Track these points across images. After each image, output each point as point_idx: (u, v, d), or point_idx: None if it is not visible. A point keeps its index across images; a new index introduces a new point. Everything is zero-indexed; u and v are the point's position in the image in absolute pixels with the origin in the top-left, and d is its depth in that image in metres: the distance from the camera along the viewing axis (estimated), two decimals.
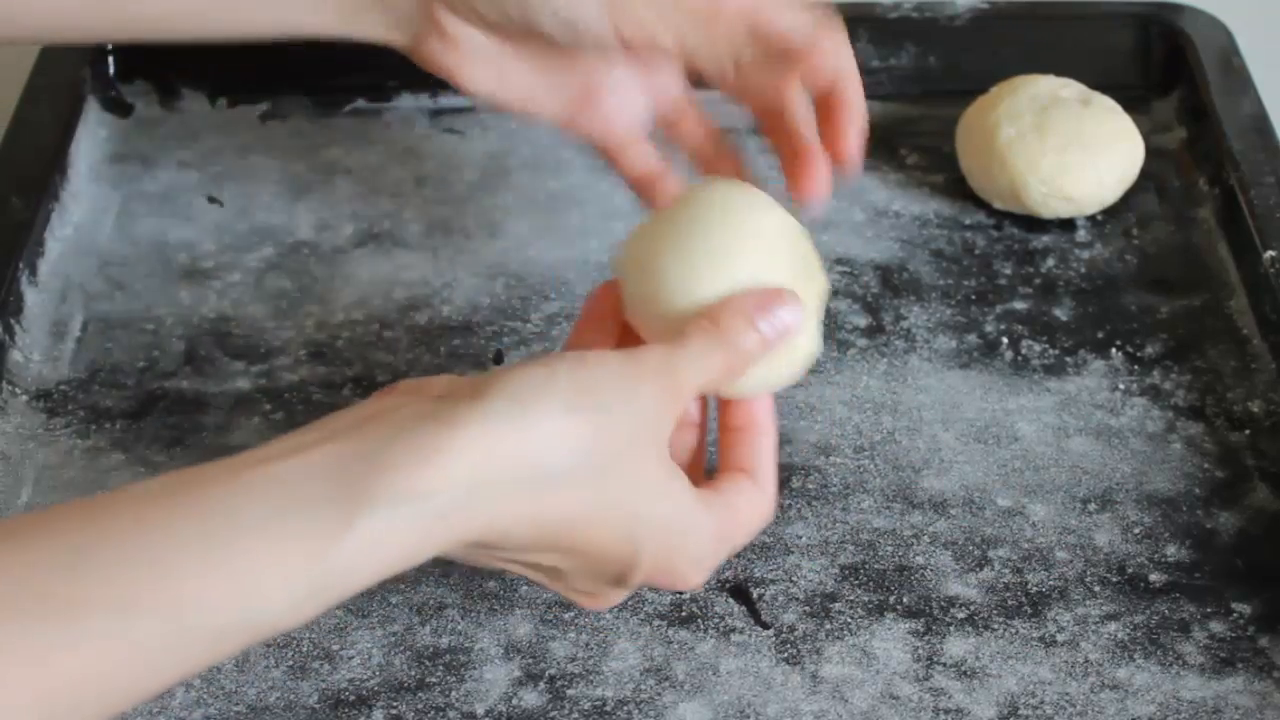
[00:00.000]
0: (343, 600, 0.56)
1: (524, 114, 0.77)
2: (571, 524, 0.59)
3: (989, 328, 0.89)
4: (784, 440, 0.82)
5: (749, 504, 0.66)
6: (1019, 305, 0.90)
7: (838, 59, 0.72)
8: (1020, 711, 0.71)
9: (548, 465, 0.58)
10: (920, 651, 0.73)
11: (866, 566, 0.77)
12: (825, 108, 0.73)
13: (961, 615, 0.75)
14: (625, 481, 0.60)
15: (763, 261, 0.67)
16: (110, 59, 1.03)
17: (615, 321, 0.69)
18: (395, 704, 0.71)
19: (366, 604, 0.75)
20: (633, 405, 0.60)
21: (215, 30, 0.77)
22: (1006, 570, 0.77)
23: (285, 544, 0.54)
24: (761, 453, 0.67)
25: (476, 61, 0.75)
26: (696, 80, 0.76)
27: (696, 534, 0.63)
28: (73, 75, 1.01)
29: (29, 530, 0.54)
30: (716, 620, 0.75)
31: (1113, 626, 0.74)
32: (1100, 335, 0.88)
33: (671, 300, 0.66)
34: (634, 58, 0.74)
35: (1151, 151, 0.97)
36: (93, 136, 1.00)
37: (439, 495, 0.56)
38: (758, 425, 0.67)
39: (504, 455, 0.57)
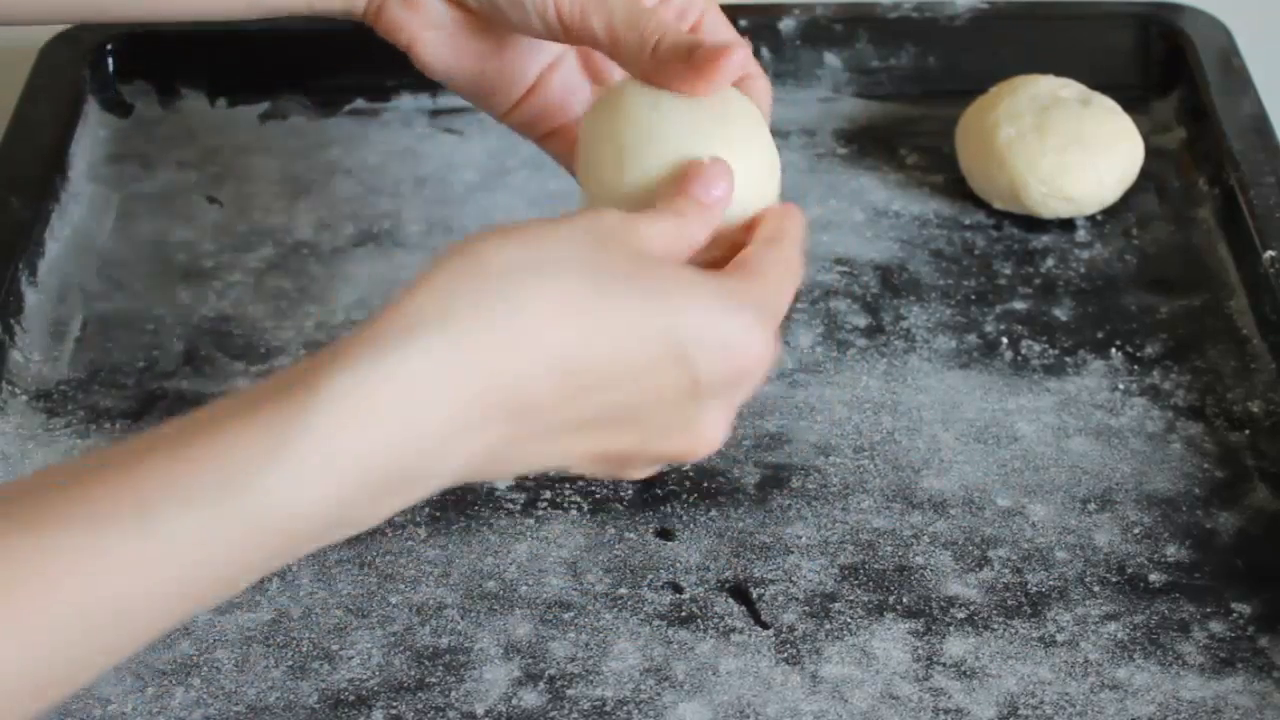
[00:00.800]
0: (358, 487, 0.52)
1: (461, 92, 0.77)
2: (599, 358, 0.56)
3: (989, 328, 0.89)
4: (784, 440, 0.82)
5: (778, 266, 0.62)
6: (1019, 305, 0.90)
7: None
8: (1020, 711, 0.71)
9: (543, 298, 0.55)
10: (920, 651, 0.73)
11: (866, 566, 0.77)
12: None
13: (961, 615, 0.75)
14: (643, 289, 0.57)
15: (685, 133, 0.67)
16: (110, 59, 1.03)
17: None
18: (395, 704, 0.71)
19: (366, 604, 0.75)
20: (618, 240, 0.58)
21: (187, 10, 0.77)
22: (1006, 570, 0.77)
23: (252, 428, 0.51)
24: (785, 223, 0.65)
25: (435, 31, 0.75)
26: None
27: (742, 315, 0.59)
28: (73, 75, 1.01)
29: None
30: (716, 620, 0.75)
31: (1112, 626, 0.74)
32: (1100, 335, 0.88)
33: (617, 185, 0.66)
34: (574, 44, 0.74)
35: (1151, 151, 0.97)
36: (92, 136, 1.00)
37: (424, 348, 0.53)
38: (781, 211, 0.66)
39: (490, 305, 0.54)
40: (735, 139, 0.67)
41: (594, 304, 0.56)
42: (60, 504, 0.50)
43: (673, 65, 0.67)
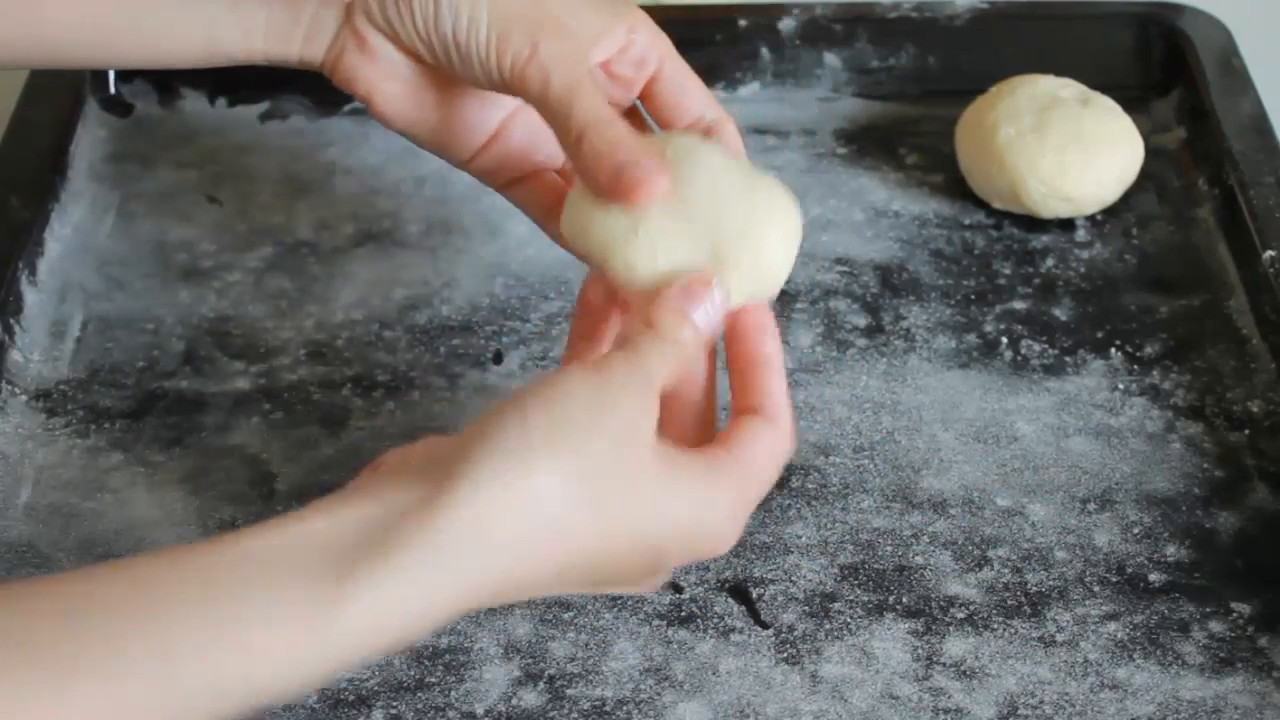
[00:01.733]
0: (350, 667, 0.56)
1: (418, 142, 0.76)
2: (587, 555, 0.60)
3: (988, 327, 0.89)
4: None
5: (765, 447, 0.65)
6: (1018, 305, 0.90)
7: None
8: (1020, 711, 0.71)
9: (546, 514, 0.58)
10: (920, 651, 0.73)
11: (866, 566, 0.77)
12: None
13: (961, 615, 0.75)
14: (627, 499, 0.60)
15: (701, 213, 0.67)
16: None
17: (609, 310, 0.69)
18: (395, 704, 0.71)
19: None
20: (610, 424, 0.60)
21: (139, 58, 0.77)
22: (1006, 570, 0.77)
23: (282, 607, 0.55)
24: (768, 386, 0.66)
25: (392, 80, 0.74)
26: None
27: (715, 510, 0.63)
28: (73, 75, 1.01)
29: (24, 593, 0.54)
30: (716, 620, 0.75)
31: (1112, 626, 0.74)
32: (1100, 335, 0.88)
33: (619, 271, 0.67)
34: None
35: (1151, 151, 0.97)
36: (92, 136, 1.00)
37: (440, 564, 0.56)
38: (761, 359, 0.66)
39: (499, 517, 0.57)
40: (757, 177, 0.68)
41: (591, 512, 0.59)
42: (79, 650, 0.53)
43: (597, 174, 0.67)
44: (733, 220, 0.67)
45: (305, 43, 0.75)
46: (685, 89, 0.73)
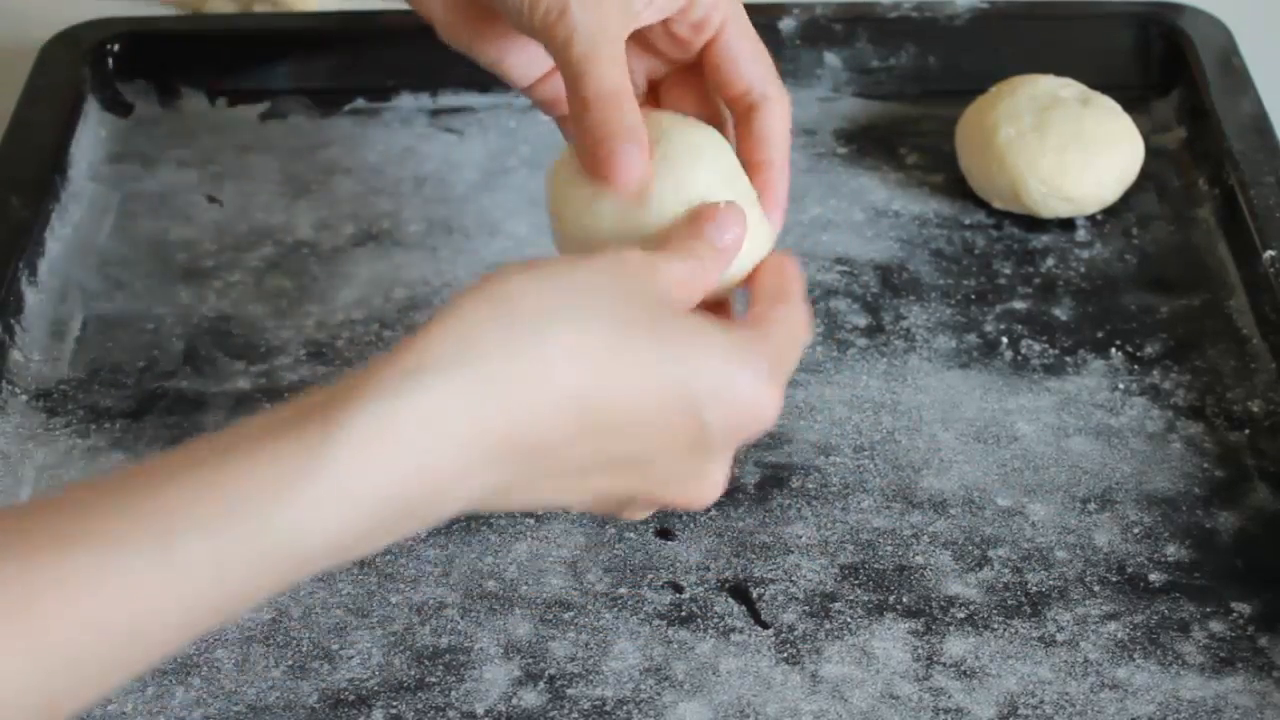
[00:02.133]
0: (372, 517, 0.53)
1: (487, 64, 0.76)
2: (615, 406, 0.57)
3: (989, 327, 0.89)
4: (784, 440, 0.82)
5: (788, 324, 0.63)
6: (1019, 305, 0.90)
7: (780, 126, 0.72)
8: (1020, 711, 0.71)
9: (557, 347, 0.55)
10: (920, 651, 0.73)
11: (866, 566, 0.77)
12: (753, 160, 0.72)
13: (961, 615, 0.75)
14: (653, 345, 0.58)
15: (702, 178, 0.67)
16: (110, 59, 1.03)
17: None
18: (395, 704, 0.71)
19: (366, 604, 0.75)
20: (630, 286, 0.58)
21: None
22: (1006, 570, 0.77)
23: (273, 458, 0.52)
24: (787, 278, 0.65)
25: (450, 10, 0.74)
26: None
27: (751, 369, 0.60)
28: (73, 75, 1.01)
29: (22, 508, 0.54)
30: (716, 620, 0.75)
31: (1112, 626, 0.74)
32: (1100, 335, 0.88)
33: (561, 227, 0.67)
34: None
35: (1151, 151, 0.97)
36: (92, 136, 1.00)
37: (430, 388, 0.53)
38: (781, 265, 0.66)
39: (517, 346, 0.55)
40: (741, 191, 0.68)
41: (616, 352, 0.57)
42: (81, 522, 0.51)
43: (586, 145, 0.67)
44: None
45: None
46: (739, 57, 0.72)
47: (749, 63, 0.72)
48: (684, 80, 0.75)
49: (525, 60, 0.76)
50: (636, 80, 0.74)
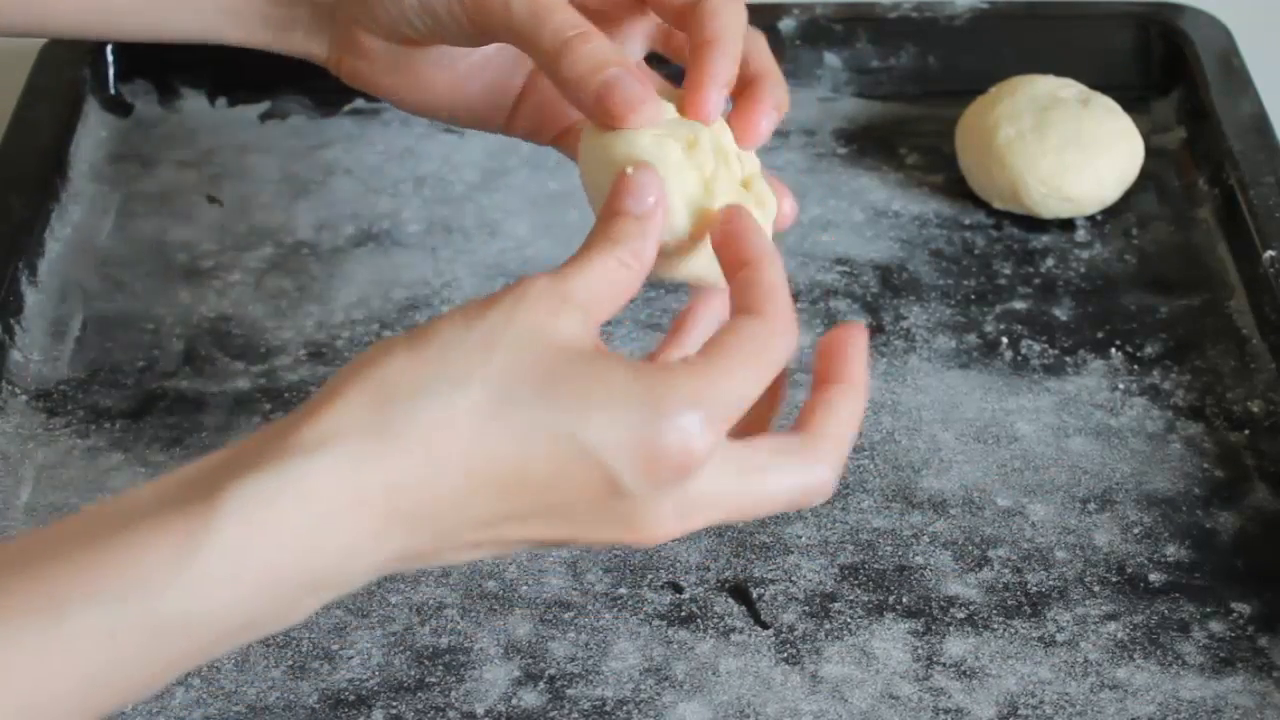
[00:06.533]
0: (268, 595, 0.53)
1: (455, 122, 0.75)
2: (498, 456, 0.54)
3: (988, 327, 0.89)
4: None
5: (742, 358, 0.56)
6: (1018, 305, 0.90)
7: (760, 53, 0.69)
8: (1020, 711, 0.71)
9: (445, 415, 0.54)
10: (920, 651, 0.73)
11: (866, 566, 0.77)
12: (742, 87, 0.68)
13: (961, 615, 0.75)
14: (541, 396, 0.55)
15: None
16: (110, 59, 1.03)
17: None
18: (395, 704, 0.71)
19: (366, 604, 0.75)
20: (512, 333, 0.55)
21: (132, 32, 0.78)
22: (1006, 570, 0.77)
23: (162, 532, 0.51)
24: (758, 283, 0.59)
25: (394, 73, 0.73)
26: None
27: (653, 408, 0.55)
28: (73, 75, 1.01)
29: None
30: (716, 620, 0.75)
31: (1112, 626, 0.74)
32: (1100, 335, 0.88)
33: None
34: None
35: (1151, 151, 0.97)
36: (92, 136, 1.00)
37: (322, 459, 0.53)
38: (754, 261, 0.59)
39: (388, 428, 0.54)
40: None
41: (492, 414, 0.54)
42: None
43: (583, 97, 0.62)
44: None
45: (308, 44, 0.74)
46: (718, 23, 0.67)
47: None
48: None
49: (491, 95, 0.73)
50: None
